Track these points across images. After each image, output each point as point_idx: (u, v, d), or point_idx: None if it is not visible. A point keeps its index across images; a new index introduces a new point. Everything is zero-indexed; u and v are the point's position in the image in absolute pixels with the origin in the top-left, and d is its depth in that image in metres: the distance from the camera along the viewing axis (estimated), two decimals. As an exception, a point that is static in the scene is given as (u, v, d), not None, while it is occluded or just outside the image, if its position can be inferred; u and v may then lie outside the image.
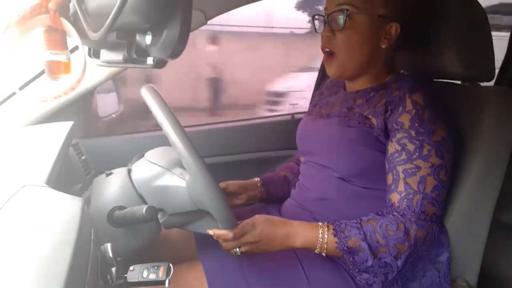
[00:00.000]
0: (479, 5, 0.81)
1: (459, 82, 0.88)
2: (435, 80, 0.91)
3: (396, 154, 0.73)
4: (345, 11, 0.74)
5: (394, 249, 0.69)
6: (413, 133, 0.71)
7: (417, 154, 0.71)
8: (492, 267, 0.97)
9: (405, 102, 0.74)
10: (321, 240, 0.71)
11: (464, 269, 0.80)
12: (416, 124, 0.71)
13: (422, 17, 0.83)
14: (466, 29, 0.79)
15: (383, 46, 0.79)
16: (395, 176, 0.72)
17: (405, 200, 0.70)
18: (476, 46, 0.80)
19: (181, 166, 0.73)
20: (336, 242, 0.70)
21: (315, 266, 0.79)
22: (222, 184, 0.94)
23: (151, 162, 0.77)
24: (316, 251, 0.72)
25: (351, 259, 0.69)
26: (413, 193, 0.70)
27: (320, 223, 0.73)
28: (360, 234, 0.69)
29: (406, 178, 0.71)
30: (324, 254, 0.72)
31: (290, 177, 1.04)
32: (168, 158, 0.77)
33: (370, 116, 0.78)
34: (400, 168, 0.72)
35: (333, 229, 0.71)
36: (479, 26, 0.81)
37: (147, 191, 0.75)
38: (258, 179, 1.00)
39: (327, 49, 0.80)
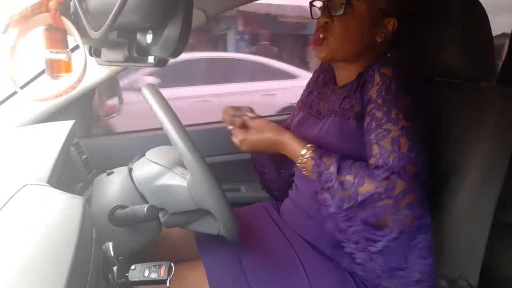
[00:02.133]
0: (480, 4, 0.81)
1: (459, 81, 0.88)
2: (436, 79, 0.91)
3: (367, 125, 0.72)
4: None
5: (360, 181, 0.65)
6: (380, 101, 0.71)
7: (385, 119, 0.69)
8: (494, 266, 0.97)
9: (374, 77, 0.74)
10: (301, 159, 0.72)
11: (466, 268, 0.80)
12: (383, 92, 0.71)
13: (423, 17, 0.83)
14: (467, 29, 0.79)
15: (379, 40, 0.78)
16: (368, 144, 0.71)
17: (381, 159, 0.68)
18: (477, 45, 0.80)
19: (182, 165, 0.73)
20: (313, 165, 0.70)
21: (316, 266, 0.79)
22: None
23: (152, 161, 0.77)
24: (297, 165, 0.74)
25: (318, 175, 0.69)
26: (387, 152, 0.67)
27: (309, 145, 0.73)
28: (337, 156, 0.69)
29: (378, 141, 0.69)
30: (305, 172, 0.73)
31: None
32: (169, 157, 0.77)
33: (353, 103, 0.77)
34: (372, 135, 0.70)
35: (314, 151, 0.71)
36: (480, 25, 0.81)
37: (148, 190, 0.75)
38: None
39: (320, 35, 0.79)
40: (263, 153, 0.78)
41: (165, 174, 0.75)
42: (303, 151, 0.72)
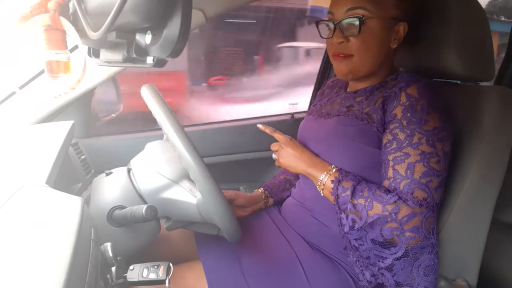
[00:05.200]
0: (479, 5, 0.81)
1: (458, 81, 0.88)
2: (435, 79, 0.91)
3: (388, 144, 0.73)
4: (361, 17, 0.73)
5: (370, 204, 0.70)
6: (404, 122, 0.72)
7: (407, 142, 0.71)
8: (492, 266, 0.98)
9: (400, 96, 0.74)
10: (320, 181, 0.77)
11: (464, 268, 0.80)
12: (408, 114, 0.72)
13: (424, 17, 0.83)
14: (466, 29, 0.79)
15: (393, 47, 0.79)
16: (385, 163, 0.73)
17: (393, 184, 0.71)
18: (476, 46, 0.81)
19: (188, 178, 0.73)
20: (332, 188, 0.75)
21: (315, 266, 0.79)
22: (231, 194, 0.94)
23: (158, 172, 0.76)
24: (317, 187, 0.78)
25: (336, 197, 0.73)
26: (400, 178, 0.70)
27: (329, 168, 0.77)
28: (354, 180, 0.73)
29: (394, 165, 0.71)
30: (321, 193, 0.78)
31: (291, 179, 1.04)
32: (173, 168, 0.76)
33: (370, 113, 0.78)
34: (390, 157, 0.72)
35: (335, 177, 0.75)
36: (479, 26, 0.81)
37: (153, 200, 0.75)
38: (262, 190, 1.01)
39: (341, 55, 0.78)
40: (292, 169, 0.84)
41: (172, 187, 0.74)
42: (322, 176, 0.77)
